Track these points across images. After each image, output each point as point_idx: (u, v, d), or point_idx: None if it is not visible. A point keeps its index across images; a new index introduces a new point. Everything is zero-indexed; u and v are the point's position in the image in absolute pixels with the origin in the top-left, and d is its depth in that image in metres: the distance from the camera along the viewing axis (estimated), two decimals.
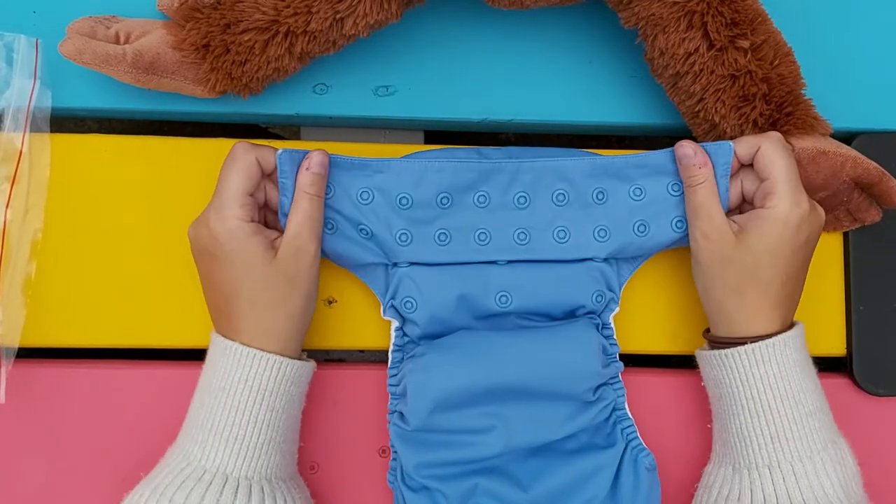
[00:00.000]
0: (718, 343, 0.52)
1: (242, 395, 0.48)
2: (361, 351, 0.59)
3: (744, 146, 0.51)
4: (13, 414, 0.55)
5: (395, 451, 0.54)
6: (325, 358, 0.59)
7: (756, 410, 0.50)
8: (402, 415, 0.53)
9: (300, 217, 0.50)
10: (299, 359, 0.51)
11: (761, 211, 0.50)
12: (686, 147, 0.52)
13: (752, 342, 0.50)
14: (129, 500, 0.47)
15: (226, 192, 0.49)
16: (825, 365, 0.61)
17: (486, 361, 0.52)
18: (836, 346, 0.59)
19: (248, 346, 0.48)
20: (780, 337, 0.50)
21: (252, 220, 0.49)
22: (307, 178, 0.50)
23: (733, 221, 0.51)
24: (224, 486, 0.46)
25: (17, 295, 0.54)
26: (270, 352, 0.49)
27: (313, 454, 0.56)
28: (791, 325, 0.52)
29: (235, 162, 0.49)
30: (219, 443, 0.47)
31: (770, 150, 0.50)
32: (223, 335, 0.50)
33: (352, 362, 0.59)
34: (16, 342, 0.54)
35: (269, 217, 0.53)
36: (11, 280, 0.54)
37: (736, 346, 0.50)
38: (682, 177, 0.53)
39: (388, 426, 0.54)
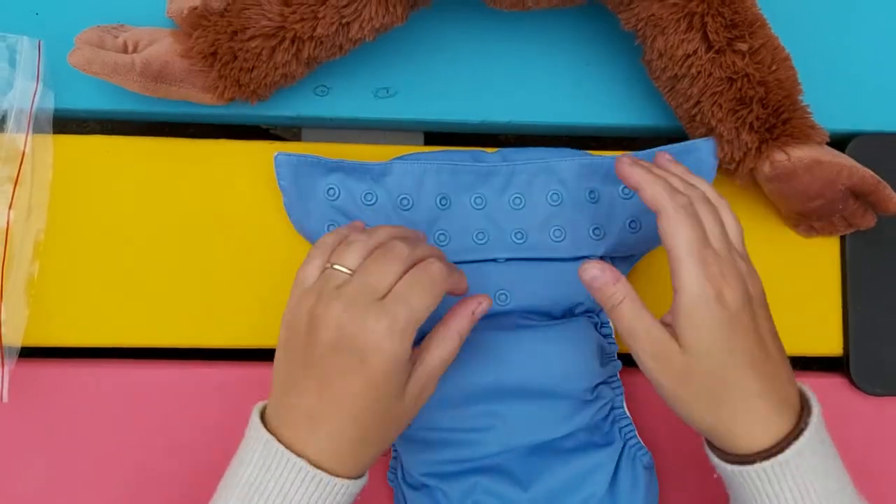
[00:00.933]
0: (722, 452, 0.45)
1: None
2: None
3: (645, 200, 0.45)
4: (16, 413, 0.55)
5: (395, 450, 0.54)
6: None
7: None
8: None
9: (444, 356, 0.44)
10: (359, 475, 0.44)
11: (676, 304, 0.43)
12: (592, 269, 0.44)
13: (760, 460, 0.42)
14: None
15: (415, 313, 0.42)
16: (822, 365, 0.61)
17: (485, 361, 0.52)
18: (833, 346, 0.59)
19: (300, 452, 0.42)
20: (792, 449, 0.42)
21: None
22: (468, 322, 0.45)
23: (666, 324, 0.44)
24: None
25: (20, 295, 0.55)
26: (337, 471, 0.42)
27: None
28: (801, 413, 0.44)
29: (436, 284, 0.43)
30: None
31: (669, 222, 0.43)
32: (285, 424, 0.43)
33: None
34: (18, 342, 0.54)
35: None
36: (14, 280, 0.54)
37: (742, 465, 0.43)
38: (599, 301, 0.45)
39: None
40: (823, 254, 0.60)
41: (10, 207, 0.54)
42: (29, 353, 0.55)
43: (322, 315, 0.42)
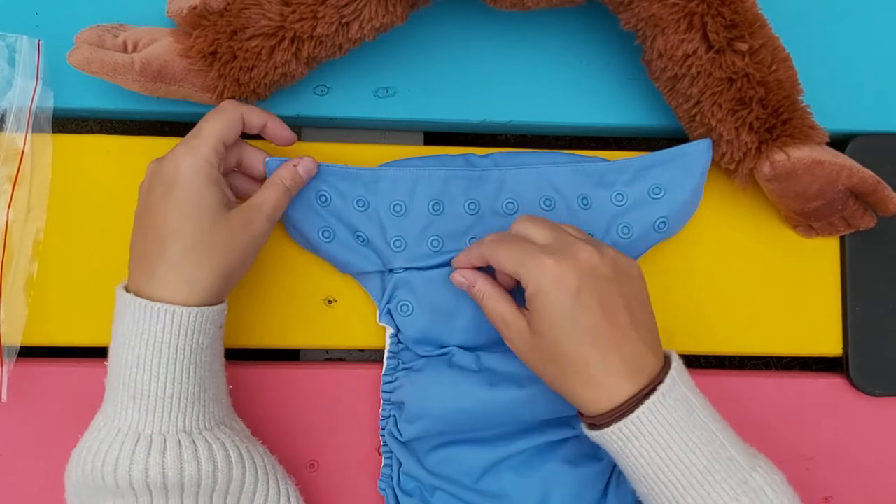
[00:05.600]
0: (587, 419, 0.48)
1: (139, 350, 0.46)
2: (361, 350, 0.59)
3: (468, 259, 0.51)
4: (15, 413, 0.55)
5: (389, 456, 0.54)
6: (325, 357, 0.60)
7: (647, 484, 0.46)
8: (395, 422, 0.54)
9: (269, 197, 0.50)
10: (206, 304, 0.48)
11: (526, 294, 0.47)
12: (456, 277, 0.52)
13: (614, 420, 0.45)
14: (66, 470, 0.48)
15: (203, 131, 0.49)
16: (822, 365, 0.61)
17: (482, 385, 0.52)
18: (832, 346, 0.59)
19: (148, 298, 0.46)
20: (641, 409, 0.45)
21: (219, 171, 0.49)
22: (289, 173, 0.51)
23: (526, 311, 0.48)
24: (136, 445, 0.45)
25: (20, 294, 0.55)
26: (178, 302, 0.46)
27: (313, 452, 0.56)
28: (658, 376, 0.46)
29: (221, 112, 0.50)
30: (127, 400, 0.46)
31: (489, 253, 0.49)
32: (128, 288, 0.48)
33: (352, 362, 0.59)
34: (18, 341, 0.54)
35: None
36: (14, 279, 0.54)
37: (599, 428, 0.46)
38: (473, 298, 0.52)
39: (379, 432, 0.55)
40: (823, 254, 0.60)
41: (9, 207, 0.54)
42: (28, 353, 0.55)
43: (146, 177, 0.49)
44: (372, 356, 0.59)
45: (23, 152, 0.55)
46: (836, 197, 0.55)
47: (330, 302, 0.57)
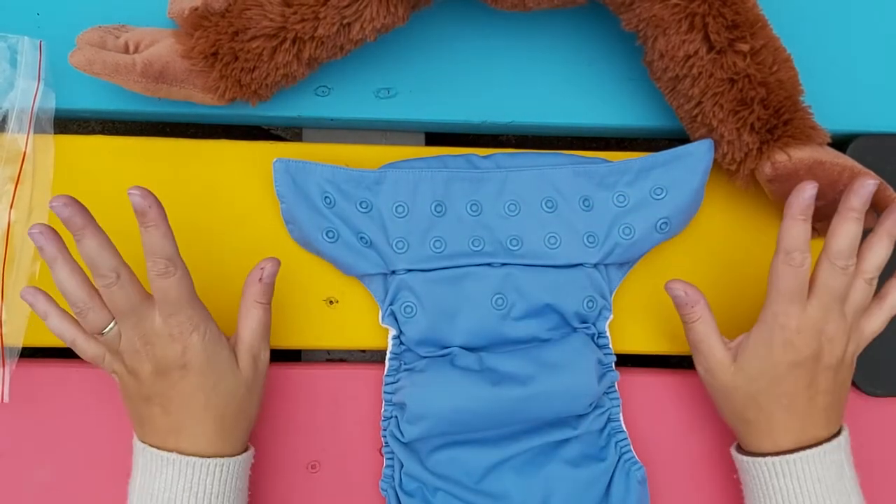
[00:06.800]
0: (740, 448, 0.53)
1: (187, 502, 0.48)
2: (363, 351, 0.59)
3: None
4: (17, 413, 0.55)
5: (391, 457, 0.54)
6: (326, 358, 0.60)
7: None
8: (397, 423, 0.54)
9: (254, 324, 0.50)
10: (239, 452, 0.50)
11: (751, 331, 0.51)
12: (677, 289, 0.52)
13: (772, 456, 0.50)
14: None
15: (174, 302, 0.48)
16: None
17: (483, 385, 0.52)
18: None
19: (188, 453, 0.48)
20: (801, 454, 0.49)
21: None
22: (260, 289, 0.51)
23: (729, 347, 0.52)
24: None
25: None
26: (213, 455, 0.48)
27: (314, 453, 0.56)
28: (828, 438, 0.50)
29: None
30: None
31: (775, 269, 0.49)
32: (154, 444, 0.49)
33: (352, 362, 0.59)
34: (19, 342, 0.54)
35: None
36: (16, 280, 0.54)
37: (757, 457, 0.51)
38: (679, 313, 0.53)
39: (381, 433, 0.55)
40: None
41: (11, 207, 0.55)
42: (30, 354, 0.55)
43: (134, 362, 0.48)
44: (373, 357, 0.59)
45: (24, 153, 0.55)
46: (838, 197, 0.55)
47: (331, 302, 0.57)
